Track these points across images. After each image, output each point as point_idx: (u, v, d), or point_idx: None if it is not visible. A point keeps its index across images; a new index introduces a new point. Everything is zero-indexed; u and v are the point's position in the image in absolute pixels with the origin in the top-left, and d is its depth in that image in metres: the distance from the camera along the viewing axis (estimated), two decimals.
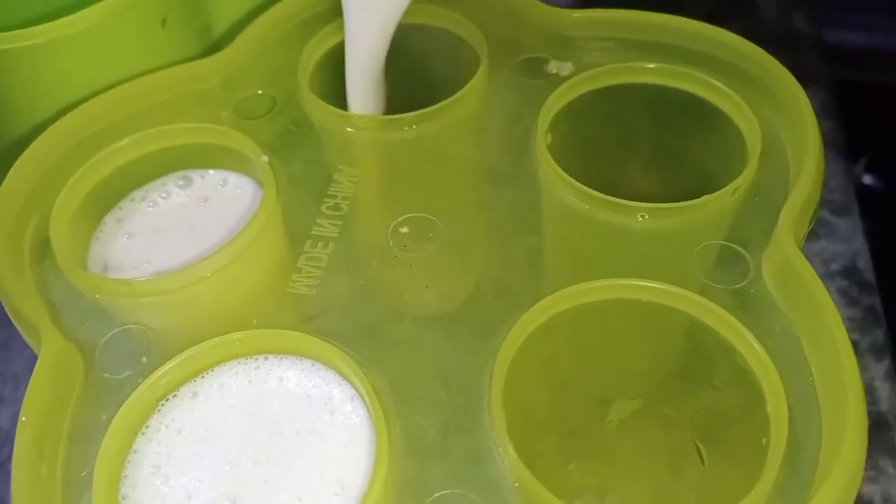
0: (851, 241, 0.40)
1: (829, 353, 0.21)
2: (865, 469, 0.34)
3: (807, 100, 0.26)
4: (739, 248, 0.24)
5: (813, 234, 0.40)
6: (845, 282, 0.39)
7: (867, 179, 0.45)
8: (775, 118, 0.27)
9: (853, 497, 0.19)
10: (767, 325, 0.23)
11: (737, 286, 0.24)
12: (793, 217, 0.23)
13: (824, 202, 0.41)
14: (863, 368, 0.36)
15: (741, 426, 0.24)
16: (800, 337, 0.22)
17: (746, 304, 0.23)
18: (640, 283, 0.23)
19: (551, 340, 0.24)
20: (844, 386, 0.20)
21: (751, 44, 0.28)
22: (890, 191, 0.46)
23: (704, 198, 0.25)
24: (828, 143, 0.44)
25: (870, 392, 0.36)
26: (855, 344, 0.37)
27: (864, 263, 0.40)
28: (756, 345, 0.22)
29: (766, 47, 0.48)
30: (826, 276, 0.39)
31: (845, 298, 0.38)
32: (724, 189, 0.25)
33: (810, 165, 0.24)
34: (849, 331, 0.37)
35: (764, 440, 0.21)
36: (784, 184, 0.26)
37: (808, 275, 0.22)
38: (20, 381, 0.36)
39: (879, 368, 0.36)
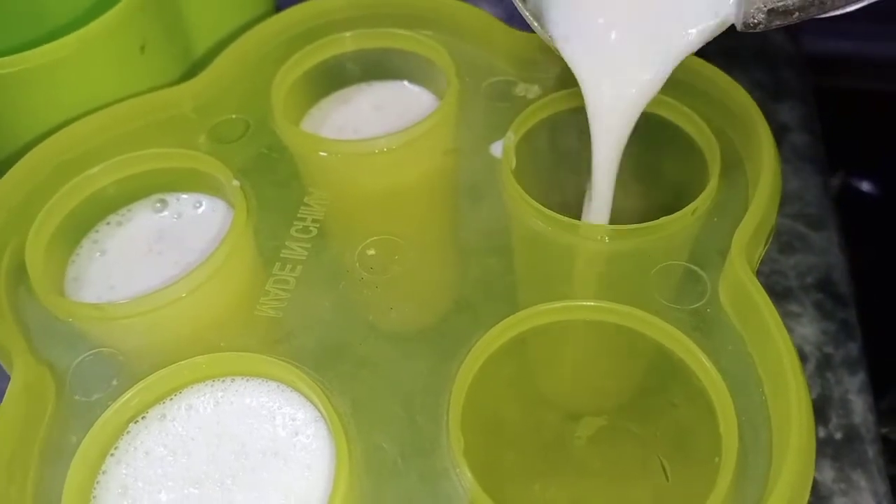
0: (827, 254, 0.41)
1: (778, 373, 0.22)
2: (837, 482, 0.35)
3: (764, 122, 0.27)
4: (697, 269, 0.25)
5: (788, 247, 0.41)
6: (820, 295, 0.39)
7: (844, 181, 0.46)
8: (736, 139, 0.28)
9: None
10: (723, 344, 0.23)
11: (694, 306, 0.24)
12: (745, 240, 0.24)
13: (800, 215, 0.42)
14: (836, 382, 0.37)
15: (700, 443, 0.24)
16: (754, 356, 0.23)
17: (703, 325, 0.24)
18: (597, 304, 0.24)
19: (514, 360, 0.24)
20: (790, 406, 0.21)
21: (712, 66, 0.28)
22: (872, 195, 0.47)
23: (663, 219, 0.25)
24: (805, 157, 0.44)
25: (843, 405, 0.36)
26: (828, 357, 0.37)
27: (840, 276, 0.40)
28: (709, 365, 0.22)
29: (744, 62, 0.49)
30: (801, 289, 0.39)
31: (820, 311, 0.39)
32: (683, 210, 0.25)
33: (764, 188, 0.25)
34: (822, 344, 0.38)
35: (717, 458, 0.21)
36: (743, 205, 0.26)
37: (759, 297, 0.23)
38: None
39: (853, 382, 0.37)
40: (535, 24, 0.24)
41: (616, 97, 0.25)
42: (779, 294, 0.39)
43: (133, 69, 0.31)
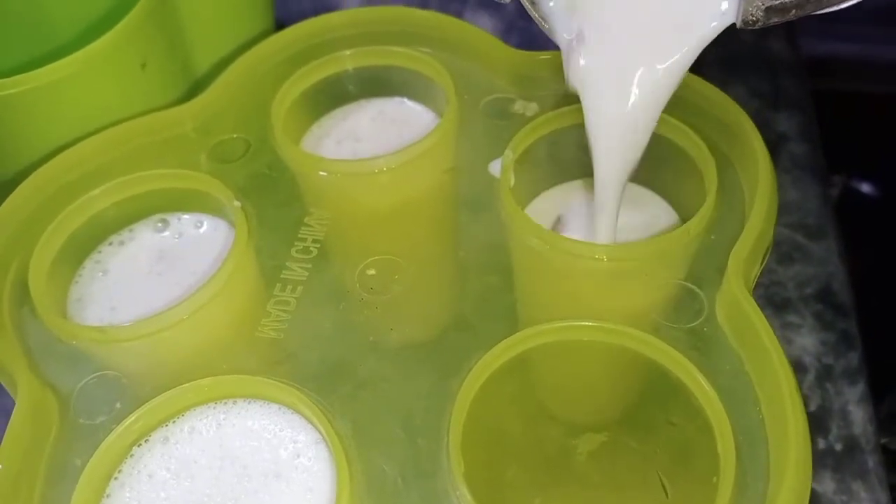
0: (826, 264, 0.41)
1: (774, 392, 0.22)
2: (838, 493, 0.35)
3: (759, 138, 0.27)
4: (694, 287, 0.25)
5: (788, 258, 0.41)
6: (820, 305, 0.39)
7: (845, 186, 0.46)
8: (732, 155, 0.28)
9: None
10: (720, 363, 0.23)
11: (691, 325, 0.24)
12: (742, 258, 0.24)
13: (799, 226, 0.42)
14: (836, 393, 0.37)
15: (699, 461, 0.24)
16: (751, 375, 0.23)
17: (700, 344, 0.24)
18: (596, 324, 0.24)
19: (514, 379, 0.25)
20: (787, 425, 0.21)
21: (705, 81, 0.29)
22: (873, 197, 0.47)
23: (660, 237, 0.25)
24: (804, 167, 0.45)
25: (843, 416, 0.36)
26: (828, 368, 0.37)
27: (839, 287, 0.40)
28: (706, 385, 0.22)
29: (742, 70, 0.49)
30: (800, 300, 0.39)
31: (820, 322, 0.39)
32: (680, 228, 0.26)
33: (761, 205, 0.25)
34: (822, 355, 0.38)
35: (714, 478, 0.22)
36: (740, 221, 0.26)
37: (755, 316, 0.23)
38: None
39: (853, 393, 0.37)
40: (546, 26, 0.25)
41: (620, 107, 0.24)
42: (778, 305, 0.39)
43: (134, 87, 0.32)
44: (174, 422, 0.24)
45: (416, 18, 0.33)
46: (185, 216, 0.30)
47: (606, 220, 0.26)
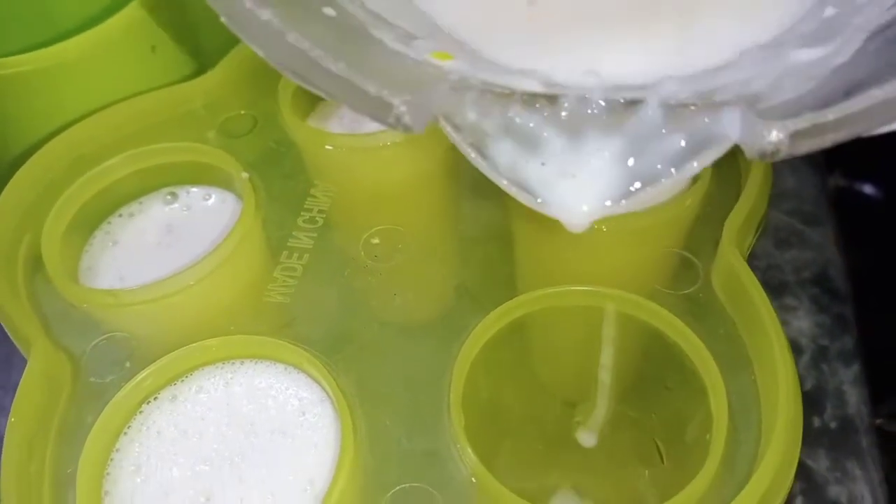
0: (823, 250, 0.41)
1: (767, 353, 0.22)
2: (832, 471, 0.36)
3: None
4: (690, 256, 0.26)
5: (785, 243, 0.41)
6: (816, 289, 0.40)
7: (842, 182, 0.46)
8: None
9: (784, 490, 0.20)
10: (714, 327, 0.24)
11: (686, 292, 0.25)
12: (736, 227, 0.25)
13: (797, 212, 0.43)
14: (832, 373, 0.37)
15: (693, 425, 0.25)
16: (744, 339, 0.24)
17: (695, 309, 0.25)
18: (593, 289, 0.25)
19: (512, 344, 0.25)
20: (778, 384, 0.21)
21: None
22: (867, 193, 0.47)
23: (656, 207, 0.26)
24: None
25: (838, 396, 0.37)
26: (823, 349, 0.38)
27: (835, 272, 0.41)
28: (701, 346, 0.23)
29: None
30: (797, 284, 0.40)
31: (816, 305, 0.39)
32: (677, 198, 0.26)
33: (755, 177, 0.26)
34: (818, 337, 0.39)
35: (707, 436, 0.22)
36: (735, 197, 0.27)
37: (749, 281, 0.23)
38: None
39: (848, 374, 0.37)
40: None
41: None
42: (775, 288, 0.40)
43: (145, 68, 0.33)
44: (182, 381, 0.24)
45: None
46: (194, 189, 0.30)
47: None
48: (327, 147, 0.30)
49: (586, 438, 0.28)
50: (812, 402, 0.36)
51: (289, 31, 0.17)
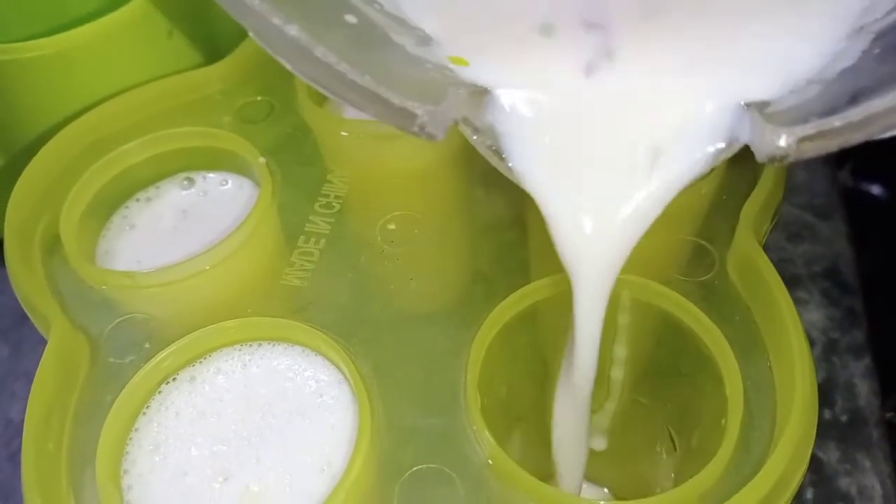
0: (833, 244, 0.42)
1: (783, 339, 0.22)
2: (842, 462, 0.36)
3: None
4: (706, 244, 0.26)
5: (797, 236, 0.41)
6: (827, 283, 0.40)
7: (851, 182, 0.46)
8: None
9: (800, 475, 0.21)
10: (730, 314, 0.24)
11: (702, 278, 0.25)
12: (753, 215, 0.25)
13: (808, 206, 0.43)
14: (842, 366, 0.38)
15: (707, 412, 0.25)
16: (760, 325, 0.24)
17: (710, 296, 0.25)
18: None
19: (528, 329, 0.25)
20: (794, 369, 0.21)
21: None
22: (875, 193, 0.47)
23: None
24: None
25: (849, 388, 0.37)
26: (834, 342, 0.38)
27: (846, 266, 0.41)
28: (716, 330, 0.23)
29: None
30: (808, 277, 0.40)
31: (826, 299, 0.40)
32: (692, 187, 0.26)
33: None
34: (829, 330, 0.39)
35: (723, 420, 0.22)
36: (751, 183, 0.27)
37: (767, 269, 0.23)
38: (32, 379, 0.38)
39: (858, 367, 0.38)
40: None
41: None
42: (787, 281, 0.39)
43: (161, 54, 0.33)
44: (201, 362, 0.25)
45: None
46: (211, 174, 0.31)
47: None
48: (343, 133, 0.30)
49: (596, 443, 0.28)
50: (822, 394, 0.36)
51: (316, 45, 0.18)
